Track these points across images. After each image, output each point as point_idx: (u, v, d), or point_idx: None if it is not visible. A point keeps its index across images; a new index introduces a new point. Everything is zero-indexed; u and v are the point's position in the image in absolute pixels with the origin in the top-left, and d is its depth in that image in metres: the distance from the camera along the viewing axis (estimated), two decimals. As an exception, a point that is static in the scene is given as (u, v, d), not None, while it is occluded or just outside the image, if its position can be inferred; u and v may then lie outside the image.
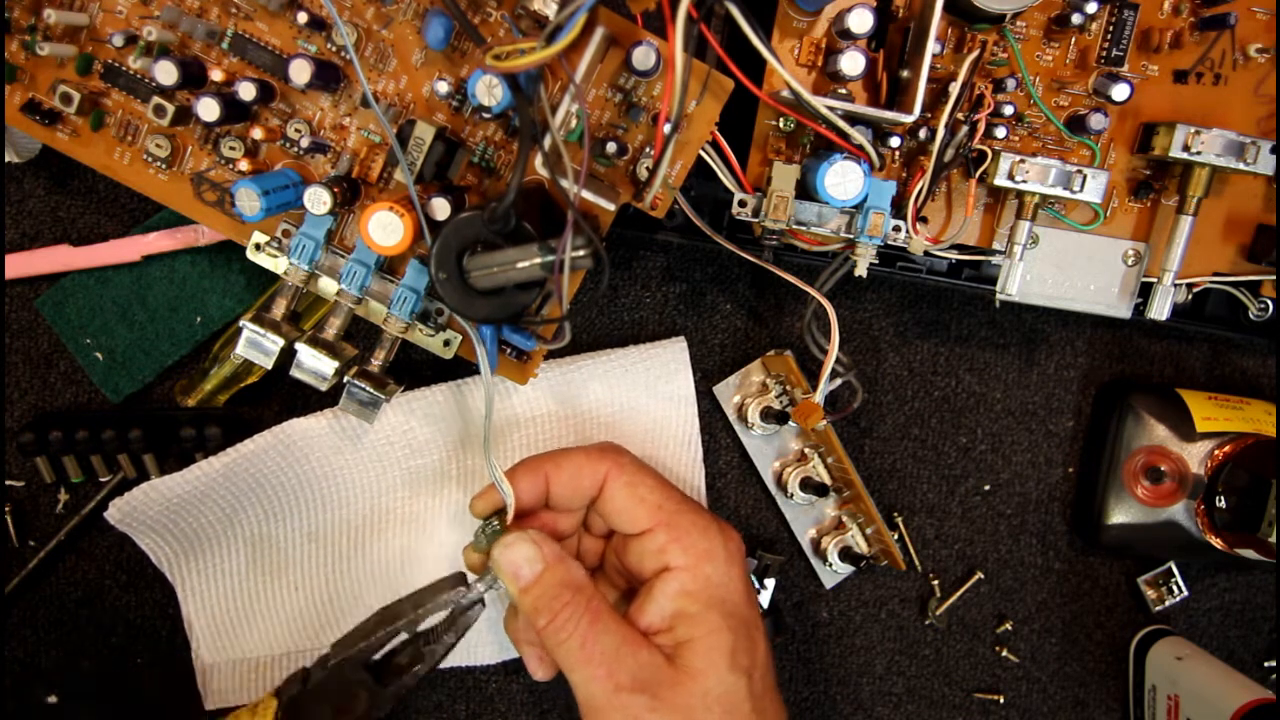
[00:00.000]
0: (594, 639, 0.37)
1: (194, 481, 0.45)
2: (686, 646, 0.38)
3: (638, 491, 0.41)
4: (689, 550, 0.39)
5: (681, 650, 0.38)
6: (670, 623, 0.39)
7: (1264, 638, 0.55)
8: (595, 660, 0.37)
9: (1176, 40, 0.42)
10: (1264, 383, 0.53)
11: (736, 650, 0.38)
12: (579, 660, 0.37)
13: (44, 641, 0.51)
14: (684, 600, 0.39)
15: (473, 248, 0.35)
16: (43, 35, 0.39)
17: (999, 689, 0.54)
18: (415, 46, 0.39)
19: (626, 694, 0.37)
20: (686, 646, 0.38)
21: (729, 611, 0.39)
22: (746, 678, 0.38)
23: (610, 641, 0.37)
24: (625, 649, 0.37)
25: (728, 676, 0.38)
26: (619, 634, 0.38)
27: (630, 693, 0.37)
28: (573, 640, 0.37)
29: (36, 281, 0.48)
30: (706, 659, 0.38)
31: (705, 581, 0.39)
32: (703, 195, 0.45)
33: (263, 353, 0.39)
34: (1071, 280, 0.44)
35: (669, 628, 0.39)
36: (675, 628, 0.38)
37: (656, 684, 0.37)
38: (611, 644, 0.37)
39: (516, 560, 0.38)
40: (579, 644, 0.37)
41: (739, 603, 0.40)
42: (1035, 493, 0.53)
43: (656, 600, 0.39)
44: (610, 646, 0.37)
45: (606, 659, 0.37)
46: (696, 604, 0.39)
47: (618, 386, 0.49)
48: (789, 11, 0.41)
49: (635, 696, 0.37)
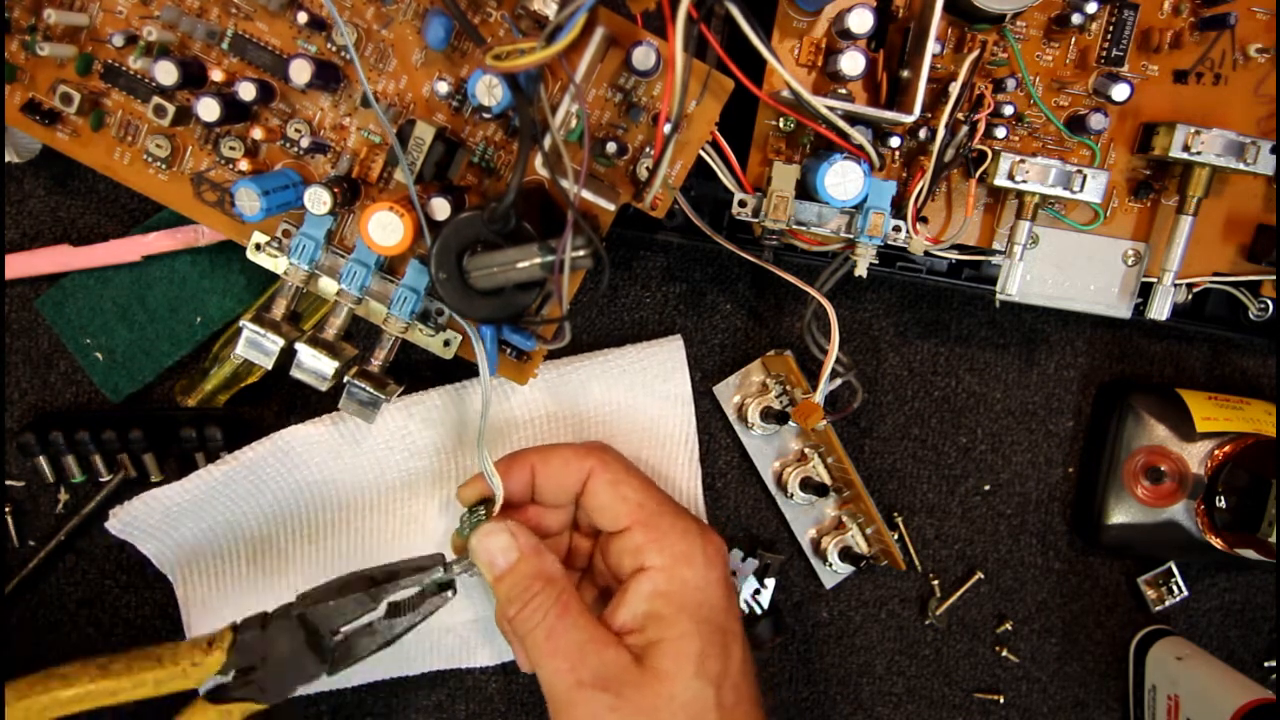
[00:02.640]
0: (561, 632, 0.37)
1: (193, 490, 0.45)
2: (655, 648, 0.37)
3: (620, 490, 0.41)
4: (665, 551, 0.39)
5: (650, 651, 0.37)
6: (642, 623, 0.38)
7: (1264, 638, 0.55)
8: (560, 653, 0.37)
9: (1176, 40, 0.42)
10: (1264, 383, 0.53)
11: (706, 656, 0.38)
12: (544, 652, 0.37)
13: (44, 641, 0.51)
14: (657, 601, 0.38)
15: (473, 248, 0.35)
16: (43, 35, 0.39)
17: (999, 689, 0.54)
18: (415, 46, 0.39)
19: (588, 690, 0.36)
20: (655, 648, 0.37)
21: (703, 617, 0.38)
22: (715, 687, 0.38)
23: (577, 636, 0.37)
24: (591, 645, 0.37)
25: (693, 683, 0.37)
26: (587, 630, 0.37)
27: (592, 689, 0.36)
28: (539, 631, 0.37)
29: (36, 281, 0.48)
30: (674, 662, 0.37)
31: (680, 584, 0.39)
32: (703, 195, 0.45)
33: (263, 353, 0.39)
34: (1071, 280, 0.44)
35: (640, 628, 0.38)
36: (646, 628, 0.38)
37: (620, 683, 0.37)
38: (578, 639, 0.37)
39: (493, 549, 0.39)
40: (545, 635, 0.37)
41: (715, 609, 0.39)
42: (1035, 493, 0.53)
43: (630, 600, 0.39)
44: (576, 641, 0.37)
45: (571, 653, 0.37)
46: (669, 606, 0.38)
47: (615, 386, 0.49)
48: (789, 11, 0.41)
49: (597, 694, 0.36)
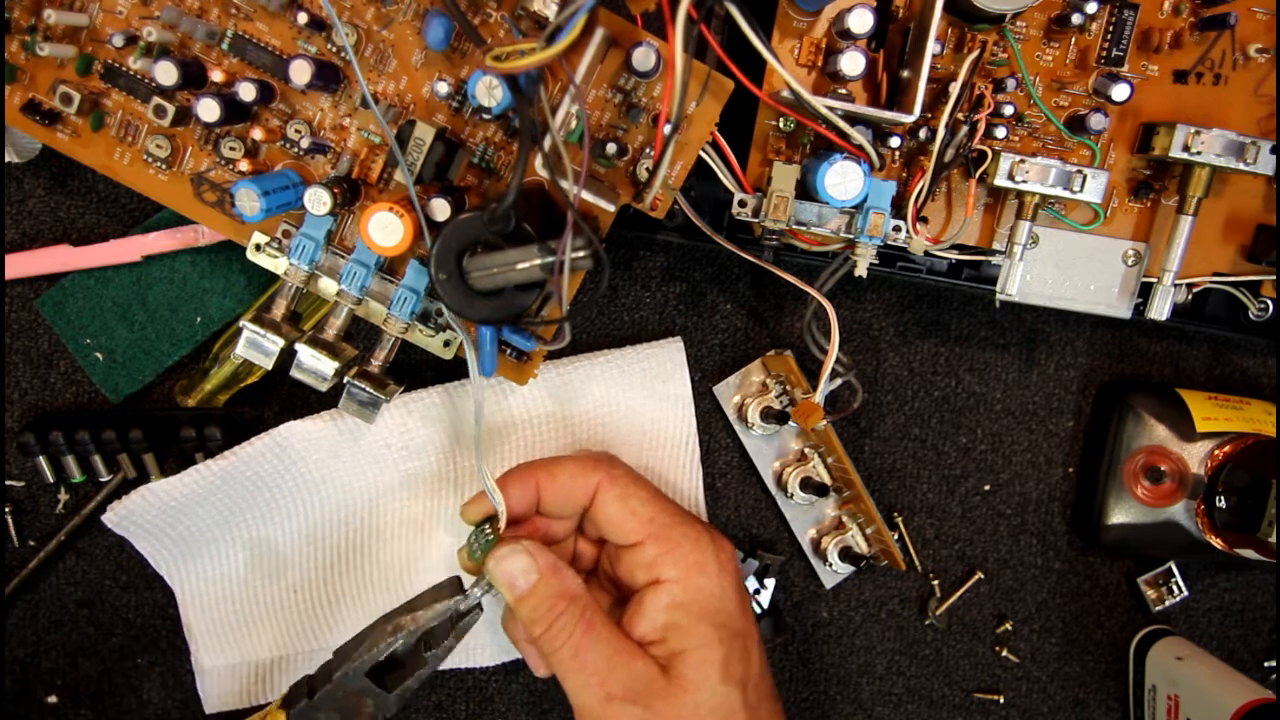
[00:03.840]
0: (587, 648, 0.37)
1: (192, 485, 0.45)
2: (679, 658, 0.38)
3: (629, 504, 0.41)
4: (680, 563, 0.39)
5: (674, 662, 0.38)
6: (662, 634, 0.39)
7: (1264, 638, 0.55)
8: (588, 669, 0.37)
9: (1176, 40, 0.42)
10: (1264, 383, 0.53)
11: (729, 661, 0.38)
12: (572, 669, 0.38)
13: (44, 641, 0.51)
14: (676, 613, 0.39)
15: (473, 248, 0.35)
16: (43, 35, 0.39)
17: (999, 689, 0.54)
18: (415, 47, 0.39)
19: (619, 703, 0.37)
20: (679, 658, 0.38)
21: (721, 623, 0.39)
22: (740, 689, 0.38)
23: (603, 651, 0.38)
24: (618, 659, 0.38)
25: (720, 688, 0.38)
26: (613, 644, 0.38)
27: (622, 702, 0.37)
28: (566, 649, 0.37)
29: (36, 281, 0.48)
30: (699, 671, 0.38)
31: (697, 593, 0.39)
32: (703, 195, 0.45)
33: (263, 353, 0.39)
34: (1071, 280, 0.44)
35: (661, 639, 0.39)
36: (667, 639, 0.39)
37: (649, 695, 0.37)
38: (604, 654, 0.38)
39: (512, 572, 0.39)
40: (572, 653, 0.37)
41: (732, 614, 0.40)
42: (1035, 493, 0.53)
43: (648, 612, 0.39)
44: (603, 656, 0.37)
45: (599, 668, 0.37)
46: (688, 616, 0.39)
47: (615, 387, 0.49)
48: (789, 11, 0.41)
49: (627, 706, 0.37)
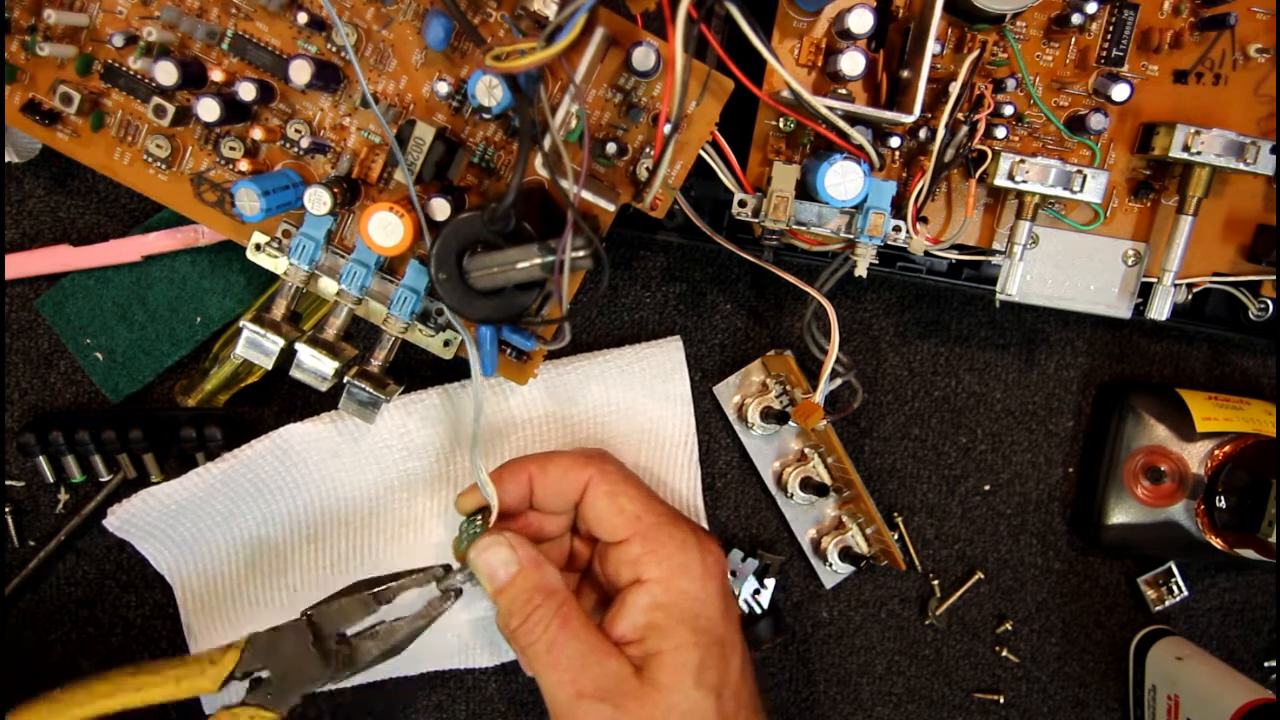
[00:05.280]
0: (562, 644, 0.37)
1: (192, 488, 0.45)
2: (654, 660, 0.38)
3: (618, 501, 0.41)
4: (663, 563, 0.39)
5: (649, 663, 0.38)
6: (641, 634, 0.38)
7: (1264, 638, 0.55)
8: (561, 665, 0.37)
9: (1176, 40, 0.42)
10: (1264, 383, 0.53)
11: (705, 667, 0.38)
12: (545, 664, 0.38)
13: (44, 641, 0.51)
14: (655, 613, 0.39)
15: (473, 248, 0.35)
16: (43, 35, 0.39)
17: (999, 689, 0.54)
18: (415, 47, 0.39)
19: (589, 701, 0.37)
20: (654, 660, 0.38)
21: (701, 628, 0.39)
22: (715, 696, 0.38)
23: (577, 648, 0.37)
24: (592, 657, 0.37)
25: (693, 693, 0.37)
26: (587, 641, 0.38)
27: (592, 700, 0.37)
28: (540, 644, 0.38)
29: (36, 281, 0.48)
30: (672, 674, 0.37)
31: (679, 595, 0.39)
32: (703, 195, 0.45)
33: (263, 353, 0.39)
34: (1071, 280, 0.44)
35: (639, 639, 0.38)
36: (645, 639, 0.38)
37: (621, 694, 0.37)
38: (578, 650, 0.37)
39: (493, 563, 0.39)
40: (546, 648, 0.37)
41: (713, 619, 0.39)
42: (1035, 493, 0.53)
43: (628, 611, 0.39)
44: (577, 653, 0.37)
45: (572, 665, 0.37)
46: (667, 618, 0.38)
47: (614, 387, 0.49)
48: (789, 11, 0.41)
49: (597, 705, 0.37)
